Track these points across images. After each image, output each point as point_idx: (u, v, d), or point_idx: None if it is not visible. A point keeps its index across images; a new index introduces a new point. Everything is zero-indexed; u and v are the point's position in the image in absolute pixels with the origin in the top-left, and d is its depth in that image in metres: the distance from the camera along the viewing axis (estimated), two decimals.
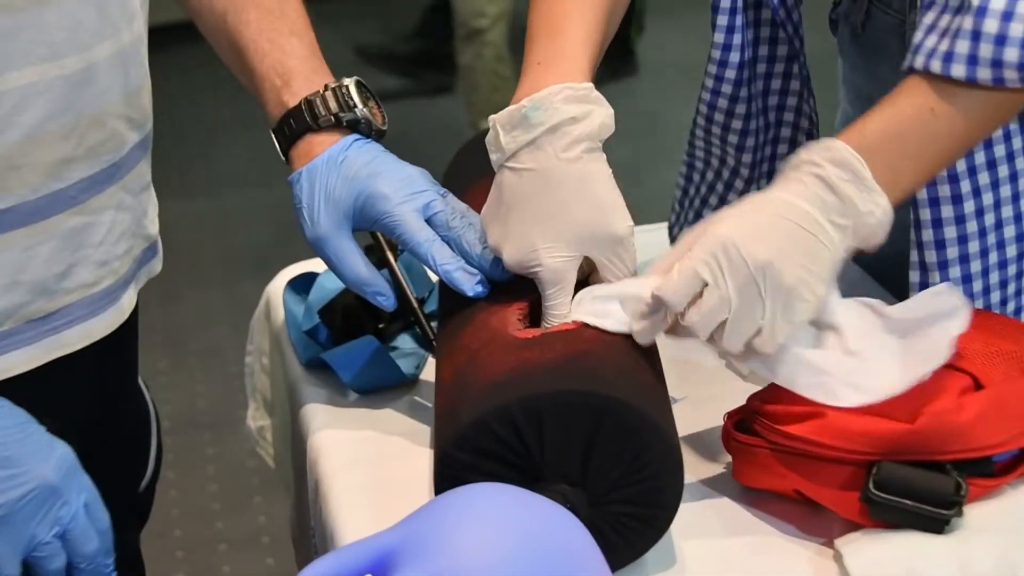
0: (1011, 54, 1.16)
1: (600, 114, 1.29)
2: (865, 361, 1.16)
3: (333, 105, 1.34)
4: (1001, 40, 1.17)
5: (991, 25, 1.17)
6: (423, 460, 1.25)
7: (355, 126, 1.35)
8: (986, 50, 1.17)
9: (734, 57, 1.53)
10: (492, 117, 1.29)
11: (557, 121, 1.26)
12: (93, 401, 1.35)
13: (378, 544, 0.95)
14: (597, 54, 1.38)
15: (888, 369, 1.14)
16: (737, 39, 1.50)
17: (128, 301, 1.36)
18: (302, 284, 1.48)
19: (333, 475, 1.28)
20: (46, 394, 1.24)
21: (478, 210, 1.33)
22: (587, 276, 1.28)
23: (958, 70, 1.18)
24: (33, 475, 1.15)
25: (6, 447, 1.14)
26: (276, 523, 2.65)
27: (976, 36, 1.18)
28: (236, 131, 3.71)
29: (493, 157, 1.29)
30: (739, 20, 1.49)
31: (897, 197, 1.21)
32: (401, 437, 1.32)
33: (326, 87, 1.35)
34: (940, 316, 1.18)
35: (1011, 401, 1.14)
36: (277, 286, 1.56)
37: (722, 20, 1.50)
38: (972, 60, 1.18)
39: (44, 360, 1.25)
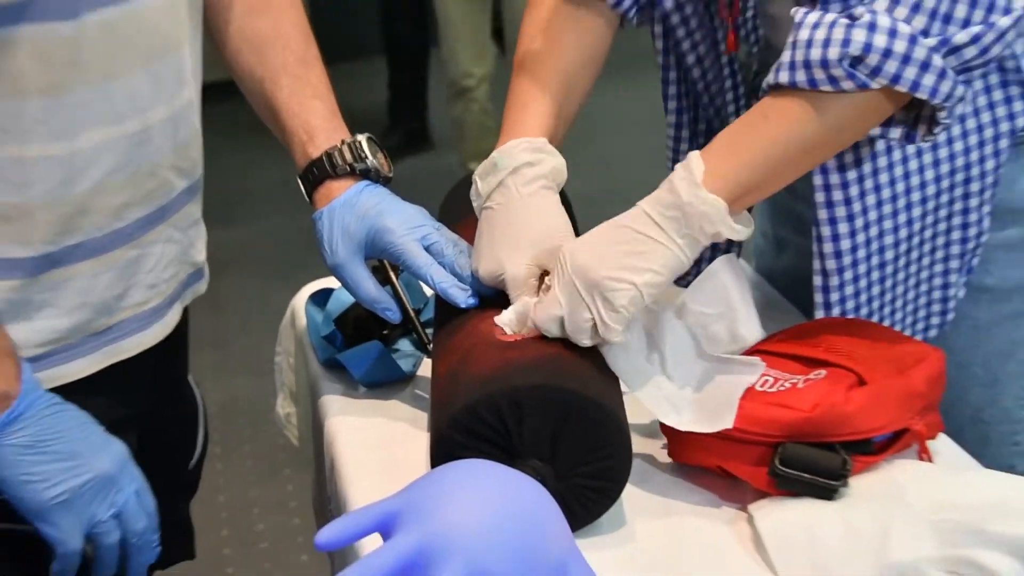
0: (815, 53, 1.11)
1: (551, 161, 1.31)
2: (681, 389, 1.16)
3: (348, 157, 1.33)
4: (808, 44, 1.12)
5: (803, 34, 1.13)
6: (420, 442, 1.24)
7: (366, 173, 1.34)
8: (799, 55, 1.13)
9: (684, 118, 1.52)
10: (475, 175, 1.33)
11: (516, 164, 1.28)
12: (149, 396, 1.34)
13: (383, 508, 0.94)
14: (555, 121, 1.38)
15: (687, 405, 1.14)
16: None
17: (173, 316, 1.35)
18: (321, 297, 1.46)
19: (346, 454, 1.27)
20: (108, 392, 1.24)
21: (467, 239, 1.33)
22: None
23: (782, 76, 1.14)
24: (92, 467, 1.14)
25: (70, 444, 1.13)
26: (301, 491, 2.65)
27: (793, 45, 1.14)
28: (271, 170, 3.70)
29: (475, 203, 1.31)
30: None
31: (736, 192, 1.15)
32: (402, 422, 1.31)
33: (343, 142, 1.34)
34: (739, 368, 1.17)
35: (888, 395, 1.12)
36: (301, 298, 1.54)
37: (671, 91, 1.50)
38: (791, 66, 1.14)
39: (104, 365, 1.25)
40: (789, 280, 1.50)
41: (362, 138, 1.35)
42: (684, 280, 1.37)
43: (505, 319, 1.20)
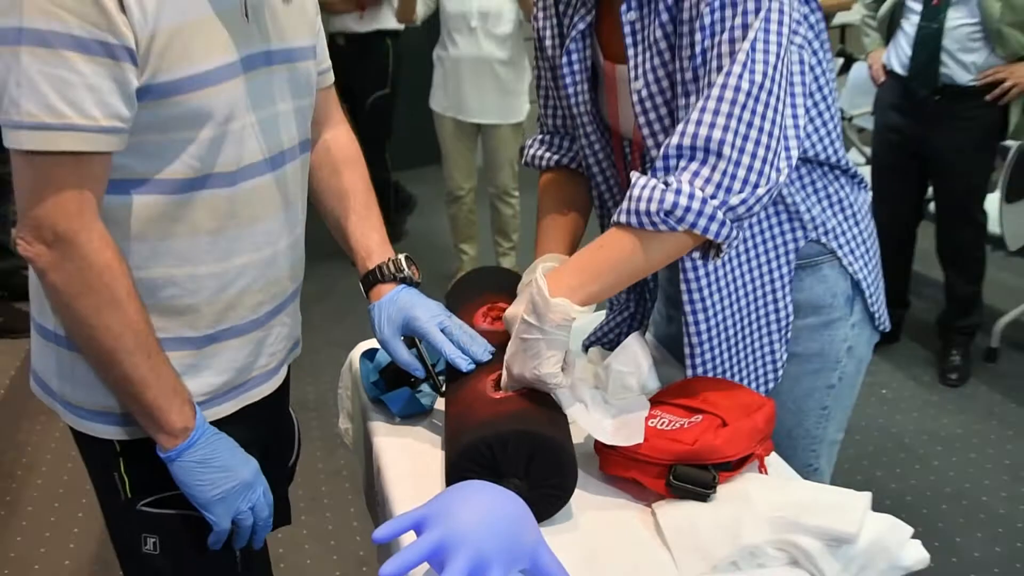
0: (642, 206, 1.09)
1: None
2: (605, 418, 1.17)
3: (392, 269, 1.32)
4: (638, 199, 1.10)
5: (635, 191, 1.11)
6: (437, 456, 1.24)
7: (403, 280, 1.32)
8: (631, 205, 1.11)
9: None
10: (517, 314, 1.20)
11: (543, 267, 1.23)
12: (266, 424, 1.34)
13: (415, 515, 0.96)
14: (571, 238, 1.41)
15: (611, 429, 1.15)
16: None
17: (283, 373, 1.34)
18: (370, 353, 1.43)
19: (387, 465, 1.25)
20: (242, 424, 1.24)
21: (466, 319, 1.32)
22: None
23: (620, 218, 1.12)
24: (238, 476, 1.16)
25: (224, 460, 1.15)
26: (354, 477, 2.60)
27: (628, 198, 1.11)
28: (347, 270, 3.70)
29: (520, 288, 1.34)
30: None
31: (580, 297, 1.12)
32: (425, 443, 1.29)
33: (389, 259, 1.33)
34: (638, 406, 1.19)
35: (741, 432, 1.12)
36: (356, 352, 1.53)
37: None
38: (627, 212, 1.11)
39: (240, 407, 1.25)
40: (675, 344, 1.48)
41: (401, 257, 1.34)
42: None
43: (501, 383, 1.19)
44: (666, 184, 1.09)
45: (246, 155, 1.14)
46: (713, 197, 1.08)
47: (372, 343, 1.46)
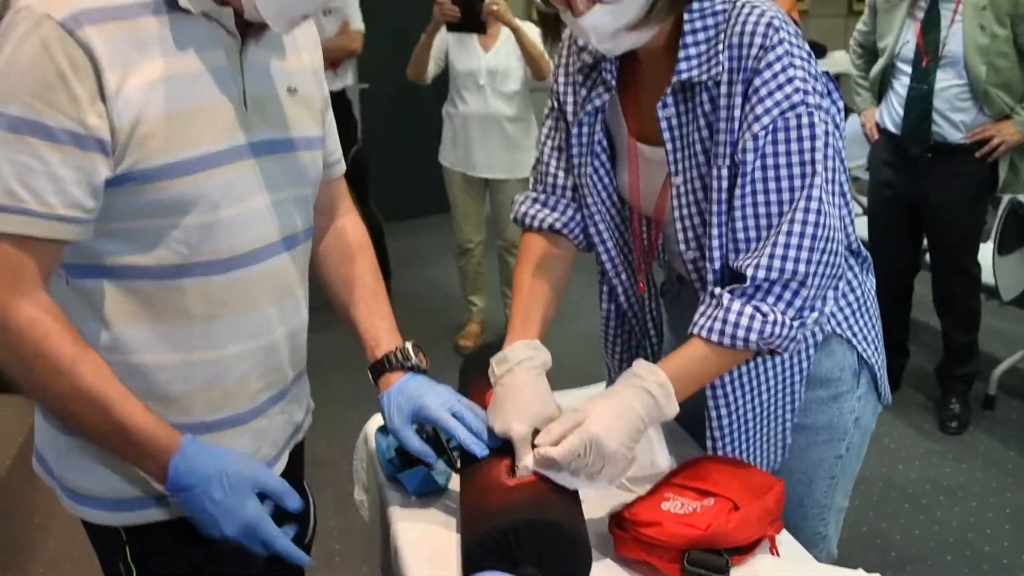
0: (739, 332, 1.13)
1: (542, 356, 1.29)
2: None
3: (400, 357, 1.30)
4: (735, 324, 1.14)
5: (731, 316, 1.14)
6: (454, 540, 1.21)
7: (411, 368, 1.30)
8: (727, 328, 1.14)
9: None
10: (492, 360, 1.27)
11: (520, 359, 1.26)
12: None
13: None
14: (543, 324, 1.35)
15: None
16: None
17: (284, 459, 1.29)
18: (385, 428, 1.35)
19: (404, 546, 1.23)
20: None
21: (479, 399, 1.29)
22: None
23: (713, 336, 1.15)
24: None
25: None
26: (368, 537, 2.53)
27: (722, 319, 1.15)
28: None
29: (492, 380, 1.27)
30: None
31: (685, 396, 1.17)
32: (441, 525, 1.26)
33: (397, 348, 1.31)
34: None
35: (752, 515, 1.13)
36: (371, 426, 1.50)
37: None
38: (721, 332, 1.15)
39: None
40: (689, 421, 1.45)
41: (409, 345, 1.32)
42: None
43: (525, 470, 1.16)
44: (763, 314, 1.14)
45: (241, 242, 1.12)
46: (796, 320, 1.16)
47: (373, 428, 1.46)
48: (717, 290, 1.18)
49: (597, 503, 1.23)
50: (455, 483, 1.29)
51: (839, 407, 1.38)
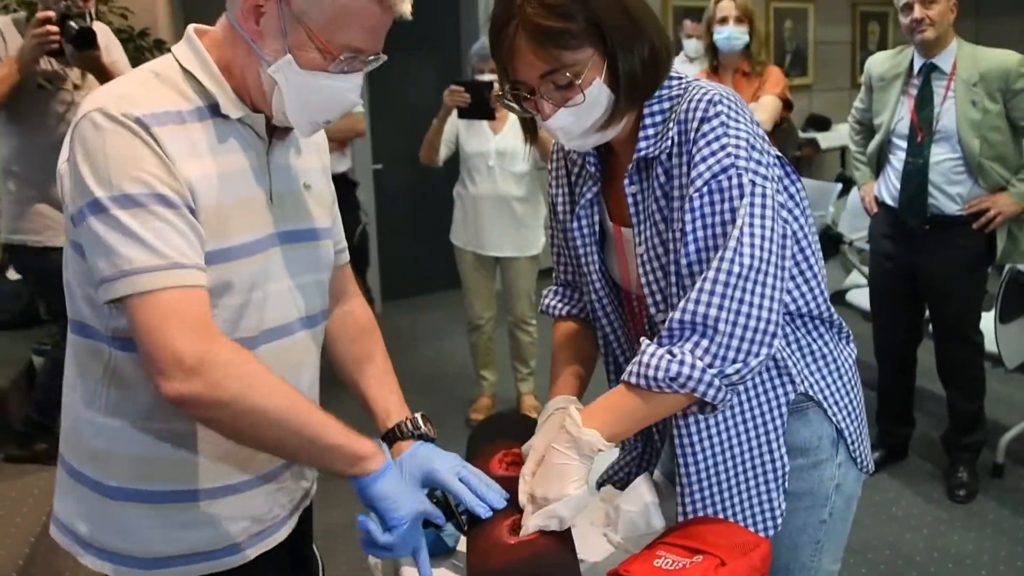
0: (650, 372, 1.19)
1: (578, 407, 1.33)
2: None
3: (410, 427, 1.39)
4: (647, 365, 1.20)
5: (644, 359, 1.20)
6: None
7: (420, 436, 1.38)
8: (641, 370, 1.20)
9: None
10: (541, 413, 1.39)
11: (556, 408, 1.37)
12: (291, 564, 1.42)
13: None
14: (582, 384, 1.48)
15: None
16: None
17: (295, 519, 1.38)
18: None
19: None
20: (265, 569, 1.31)
21: (483, 466, 1.37)
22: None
23: (632, 379, 1.21)
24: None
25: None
26: None
27: (638, 363, 1.21)
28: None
29: (540, 420, 1.38)
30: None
31: (609, 436, 1.23)
32: None
33: (406, 418, 1.39)
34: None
35: (738, 571, 1.18)
36: None
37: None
38: (637, 374, 1.21)
39: (258, 554, 1.30)
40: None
41: (418, 415, 1.40)
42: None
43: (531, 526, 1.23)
44: (672, 355, 1.20)
45: (266, 321, 1.23)
46: (710, 367, 1.19)
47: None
48: (643, 340, 1.25)
49: (597, 562, 1.29)
50: (463, 544, 1.37)
51: (819, 474, 1.42)
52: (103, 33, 2.97)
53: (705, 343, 1.19)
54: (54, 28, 2.64)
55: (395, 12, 1.16)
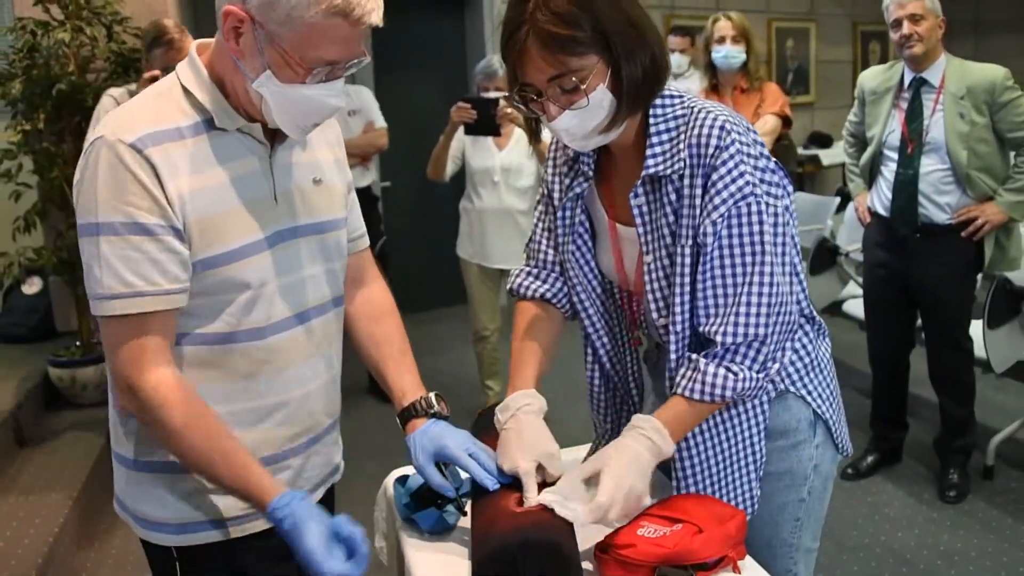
0: (715, 391, 1.34)
1: (539, 402, 1.46)
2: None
3: (424, 405, 1.47)
4: (712, 384, 1.34)
5: (708, 378, 1.34)
6: (463, 567, 1.35)
7: (434, 414, 1.47)
8: (703, 388, 1.35)
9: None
10: (496, 410, 1.46)
11: (520, 405, 1.45)
12: None
13: None
14: (539, 375, 1.53)
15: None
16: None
17: (319, 494, 1.47)
18: (402, 479, 1.53)
19: (421, 569, 1.38)
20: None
21: (490, 445, 1.45)
22: (543, 481, 1.37)
23: (694, 395, 1.36)
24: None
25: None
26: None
27: (699, 380, 1.35)
28: (379, 409, 3.81)
29: (498, 426, 1.45)
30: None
31: (677, 441, 1.38)
32: (451, 555, 1.41)
33: (421, 398, 1.48)
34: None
35: (714, 538, 1.29)
36: (390, 479, 1.62)
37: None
38: (700, 391, 1.35)
39: None
40: (664, 466, 1.56)
41: (432, 395, 1.49)
42: None
43: (531, 500, 1.32)
44: (734, 373, 1.35)
45: (274, 313, 1.33)
46: (760, 372, 1.37)
47: (402, 471, 1.60)
48: (694, 356, 1.37)
49: (586, 537, 1.38)
50: (463, 524, 1.47)
51: (798, 455, 1.52)
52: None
53: (755, 355, 1.36)
54: None
55: (363, 24, 1.20)
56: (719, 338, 1.35)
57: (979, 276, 3.37)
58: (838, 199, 4.98)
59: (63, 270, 3.94)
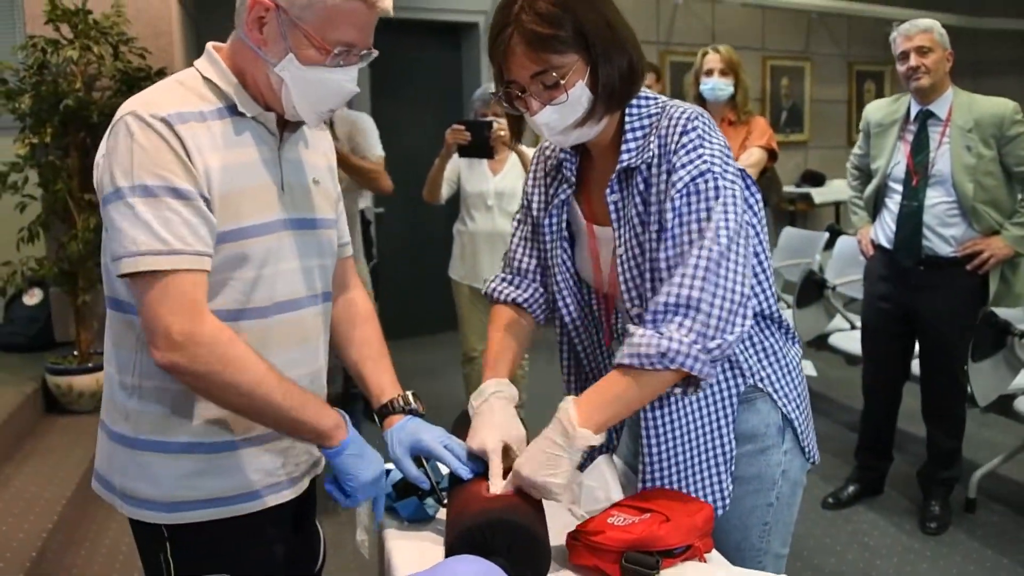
0: (641, 350, 1.34)
1: (511, 390, 1.54)
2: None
3: (401, 403, 1.55)
4: (637, 345, 1.35)
5: (634, 339, 1.35)
6: (439, 552, 1.39)
7: (410, 411, 1.54)
8: (631, 350, 1.35)
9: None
10: (471, 397, 1.54)
11: (492, 391, 1.53)
12: (294, 528, 1.57)
13: (421, 573, 1.18)
14: (511, 366, 1.62)
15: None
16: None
17: (306, 482, 1.54)
18: (384, 473, 1.53)
19: (397, 554, 1.43)
20: (270, 523, 1.47)
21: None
22: (509, 466, 1.42)
23: (623, 360, 1.36)
24: (379, 466, 1.48)
25: (371, 454, 1.46)
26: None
27: (628, 344, 1.36)
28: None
29: (471, 410, 1.54)
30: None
31: (596, 425, 1.36)
32: (428, 542, 1.46)
33: (398, 395, 1.56)
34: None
35: (681, 527, 1.34)
36: None
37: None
38: (629, 355, 1.35)
39: (267, 506, 1.45)
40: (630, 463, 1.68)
41: (409, 392, 1.57)
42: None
43: (496, 485, 1.40)
44: (660, 334, 1.35)
45: (277, 295, 1.39)
46: (695, 343, 1.34)
47: (385, 466, 1.58)
48: (630, 326, 1.40)
49: (559, 528, 1.44)
50: (442, 515, 1.52)
51: (766, 459, 1.56)
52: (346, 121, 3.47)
53: (689, 322, 1.34)
54: None
55: (379, 9, 1.33)
56: (654, 301, 1.37)
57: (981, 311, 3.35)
58: (827, 234, 5.08)
59: (64, 281, 4.02)
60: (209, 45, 1.42)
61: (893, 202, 3.26)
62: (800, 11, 7.56)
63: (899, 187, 3.23)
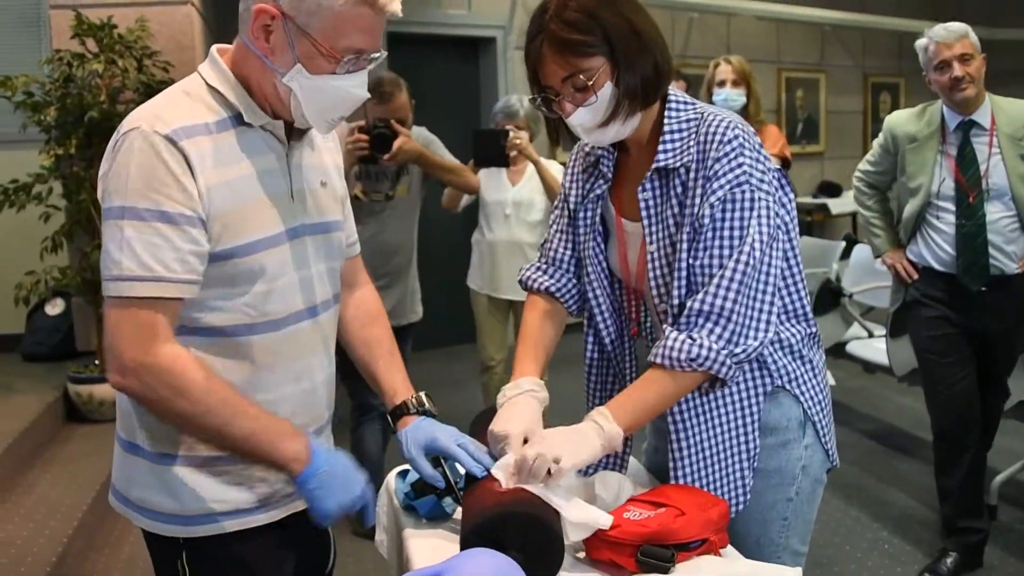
0: (674, 353, 1.41)
1: (543, 393, 1.55)
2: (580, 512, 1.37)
3: (416, 403, 1.54)
4: (671, 348, 1.42)
5: (668, 342, 1.42)
6: (456, 549, 1.36)
7: (424, 412, 1.53)
8: (664, 352, 1.42)
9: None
10: (504, 388, 1.56)
11: (528, 388, 1.54)
12: (305, 533, 1.50)
13: (436, 567, 1.17)
14: (542, 366, 1.64)
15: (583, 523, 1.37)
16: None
17: None
18: (402, 473, 1.60)
19: (415, 554, 1.44)
20: (282, 533, 1.45)
21: (483, 443, 1.50)
22: None
23: (656, 360, 1.43)
24: (353, 491, 1.41)
25: (342, 479, 1.39)
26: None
27: (663, 346, 1.43)
28: None
29: (501, 398, 1.54)
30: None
31: (630, 424, 1.44)
32: (445, 540, 1.47)
33: (412, 396, 1.55)
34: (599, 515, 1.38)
35: (695, 521, 1.34)
36: (390, 475, 1.68)
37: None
38: (661, 356, 1.43)
39: (279, 518, 1.44)
40: (661, 472, 1.68)
41: (422, 394, 1.56)
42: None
43: (500, 475, 1.39)
44: (692, 339, 1.42)
45: (290, 305, 1.38)
46: (723, 349, 1.42)
47: (403, 467, 1.65)
48: (666, 327, 1.46)
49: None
50: (459, 513, 1.51)
51: (787, 453, 1.58)
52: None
53: (719, 330, 1.42)
54: (364, 137, 3.09)
55: (387, 12, 1.29)
56: (687, 307, 1.44)
57: None
58: (844, 243, 5.06)
59: (86, 290, 4.06)
60: (214, 49, 1.38)
61: (944, 223, 2.96)
62: (814, 24, 7.56)
63: (949, 205, 2.94)
